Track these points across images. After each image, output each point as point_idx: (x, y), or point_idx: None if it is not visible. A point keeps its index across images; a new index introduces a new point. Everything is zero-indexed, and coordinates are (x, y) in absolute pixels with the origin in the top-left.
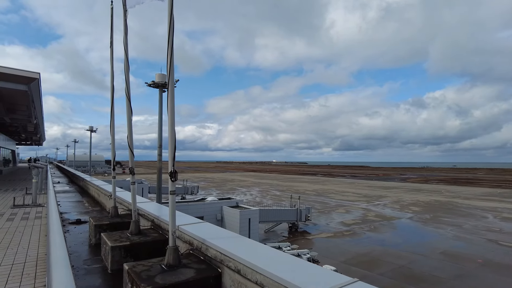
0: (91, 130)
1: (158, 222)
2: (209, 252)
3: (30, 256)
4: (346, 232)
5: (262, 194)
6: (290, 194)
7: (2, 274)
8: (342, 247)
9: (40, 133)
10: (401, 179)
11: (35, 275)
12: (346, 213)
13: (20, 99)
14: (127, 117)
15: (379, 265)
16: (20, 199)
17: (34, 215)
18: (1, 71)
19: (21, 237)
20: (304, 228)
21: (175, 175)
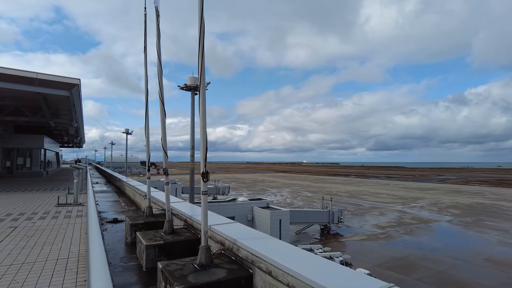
0: (127, 132)
1: (190, 221)
2: (241, 253)
3: (73, 252)
4: (380, 235)
5: (293, 195)
6: (321, 196)
7: (49, 268)
8: (376, 250)
9: (80, 136)
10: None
11: (77, 270)
12: (381, 215)
13: (63, 104)
14: (161, 119)
15: (416, 270)
16: (63, 198)
17: (75, 213)
18: (46, 78)
19: (64, 234)
20: (336, 230)
21: (207, 176)
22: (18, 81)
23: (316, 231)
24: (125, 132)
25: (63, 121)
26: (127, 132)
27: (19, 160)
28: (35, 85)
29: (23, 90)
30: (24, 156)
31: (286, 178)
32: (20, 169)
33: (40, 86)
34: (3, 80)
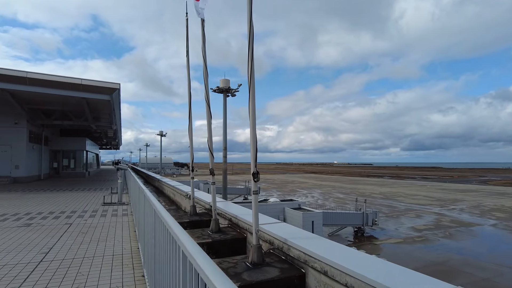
0: (161, 134)
1: (236, 221)
2: (292, 252)
3: (126, 249)
4: (417, 238)
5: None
6: (354, 197)
7: (107, 263)
8: (413, 254)
9: (118, 138)
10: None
11: (133, 266)
12: (417, 217)
13: (103, 108)
14: (207, 120)
15: (458, 276)
16: (108, 197)
17: (121, 212)
18: (90, 84)
19: (114, 232)
20: (370, 232)
21: (257, 176)
22: (65, 87)
23: (349, 234)
24: (159, 134)
25: (103, 124)
26: (161, 134)
27: (64, 161)
28: (80, 91)
29: (69, 96)
30: (68, 157)
31: (316, 179)
32: (65, 170)
33: (84, 91)
34: (53, 86)
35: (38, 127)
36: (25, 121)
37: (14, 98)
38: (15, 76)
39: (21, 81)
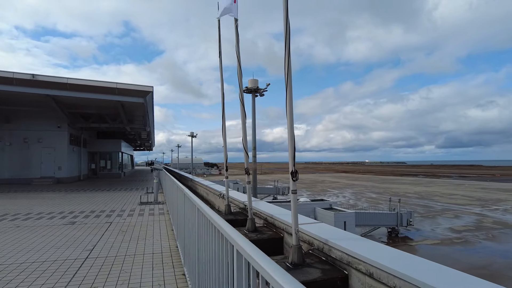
0: (192, 135)
1: (271, 220)
2: (333, 253)
3: (164, 248)
4: (456, 239)
5: (356, 196)
6: (387, 197)
7: (147, 261)
8: (452, 256)
9: (151, 140)
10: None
11: (172, 264)
12: (455, 218)
13: (137, 110)
14: (242, 120)
15: (503, 281)
16: (144, 197)
17: (157, 211)
18: (124, 87)
19: (153, 230)
20: (405, 233)
21: (296, 175)
22: (101, 92)
23: (383, 234)
24: (190, 135)
25: (137, 126)
26: (192, 135)
27: (101, 162)
28: (115, 94)
29: (106, 99)
30: (105, 159)
31: (347, 178)
32: (102, 171)
33: (119, 94)
34: (90, 91)
35: (77, 130)
36: (66, 124)
37: (56, 103)
38: (57, 82)
39: (62, 87)
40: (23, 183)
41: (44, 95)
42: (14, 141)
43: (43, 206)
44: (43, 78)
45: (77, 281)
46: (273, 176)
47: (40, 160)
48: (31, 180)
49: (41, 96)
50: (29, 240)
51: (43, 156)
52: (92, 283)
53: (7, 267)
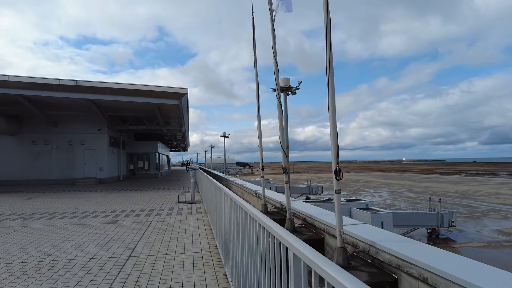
0: (224, 136)
1: (311, 221)
2: (380, 256)
3: (204, 247)
4: (505, 242)
5: (393, 196)
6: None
7: (188, 260)
8: (502, 260)
9: (186, 141)
10: None
11: (213, 264)
12: (504, 219)
13: (173, 112)
14: (279, 119)
15: None
16: (182, 196)
17: (195, 210)
18: (161, 90)
19: (192, 229)
20: (446, 234)
21: (340, 174)
22: (139, 95)
23: (422, 235)
24: (222, 135)
25: (173, 128)
26: (225, 136)
27: (139, 163)
28: (152, 97)
29: (143, 102)
30: (143, 159)
31: (383, 177)
32: (140, 171)
33: (156, 97)
34: (128, 94)
35: (116, 132)
36: (106, 127)
37: (97, 107)
38: (98, 87)
39: (102, 91)
40: (68, 183)
41: (86, 100)
42: (60, 144)
43: (87, 205)
44: (85, 84)
45: (122, 278)
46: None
47: (83, 162)
48: (75, 180)
49: (83, 101)
50: (76, 237)
51: (86, 157)
52: (136, 281)
53: (58, 262)
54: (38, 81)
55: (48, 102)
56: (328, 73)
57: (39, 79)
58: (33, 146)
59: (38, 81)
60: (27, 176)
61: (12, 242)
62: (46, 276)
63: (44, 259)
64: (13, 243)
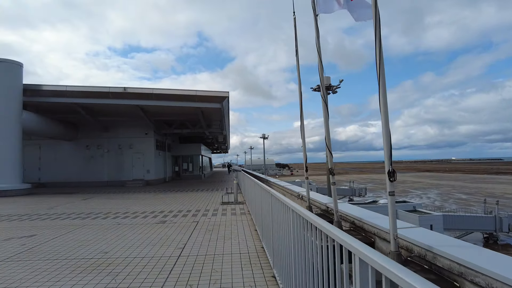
0: (264, 137)
1: (359, 224)
2: (439, 261)
3: (250, 248)
4: None
5: (443, 198)
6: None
7: (236, 260)
8: None
9: (227, 143)
10: None
11: (260, 265)
12: None
13: (215, 115)
14: (324, 119)
15: None
16: (225, 197)
17: (239, 211)
18: (203, 94)
19: (237, 230)
20: (506, 240)
21: (393, 175)
22: (183, 99)
23: (477, 240)
24: (261, 137)
25: (215, 130)
26: (264, 137)
27: (184, 165)
28: (195, 101)
29: (186, 106)
30: (187, 161)
31: (431, 178)
32: (185, 173)
33: (199, 101)
34: (173, 99)
35: (162, 136)
36: (153, 131)
37: (144, 112)
38: (145, 93)
39: (149, 97)
40: (118, 185)
41: (133, 106)
42: (111, 148)
43: (136, 206)
44: (132, 90)
45: (173, 277)
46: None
47: (131, 164)
48: (124, 182)
49: (131, 107)
50: (129, 237)
51: (134, 160)
52: (187, 280)
53: (114, 260)
54: (92, 89)
55: (100, 109)
56: (379, 71)
57: (92, 88)
58: (87, 150)
59: (91, 89)
60: (82, 178)
61: (74, 239)
62: (105, 272)
63: (102, 256)
64: (75, 240)
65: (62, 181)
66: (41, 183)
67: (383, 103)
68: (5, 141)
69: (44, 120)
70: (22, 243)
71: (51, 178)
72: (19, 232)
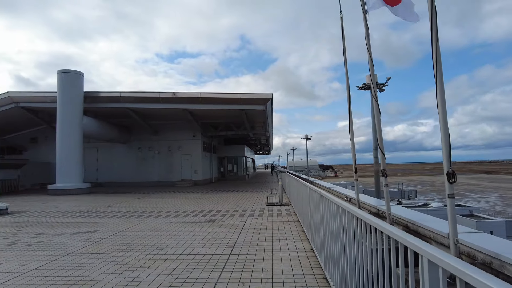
0: (306, 138)
1: (414, 227)
2: (508, 271)
3: (299, 249)
4: None
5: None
6: None
7: (285, 261)
8: None
9: (270, 144)
10: None
11: (311, 267)
12: None
13: (258, 117)
14: (376, 118)
15: None
16: (271, 198)
17: (284, 212)
18: (247, 97)
19: (284, 231)
20: None
21: (453, 176)
22: (228, 102)
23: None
24: (304, 138)
25: (258, 132)
26: (307, 138)
27: (228, 166)
28: (240, 104)
29: (232, 109)
30: (231, 163)
31: (490, 180)
32: (229, 174)
33: (243, 104)
34: (218, 103)
35: (208, 138)
36: (200, 134)
37: (191, 115)
38: (192, 97)
39: (196, 101)
40: (168, 185)
41: (182, 109)
42: (161, 150)
43: (186, 205)
44: (181, 95)
45: (226, 275)
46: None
47: (180, 165)
48: (174, 182)
49: (179, 110)
50: (181, 234)
51: (183, 162)
52: (239, 278)
53: (169, 256)
54: (144, 95)
55: (151, 113)
56: (436, 67)
57: (144, 93)
58: (139, 152)
59: (143, 95)
60: (134, 179)
61: (131, 235)
62: (162, 267)
63: (158, 252)
64: (132, 237)
65: (116, 181)
66: (99, 183)
67: (441, 101)
68: (70, 144)
69: (101, 124)
70: (87, 237)
71: (107, 178)
72: (83, 227)
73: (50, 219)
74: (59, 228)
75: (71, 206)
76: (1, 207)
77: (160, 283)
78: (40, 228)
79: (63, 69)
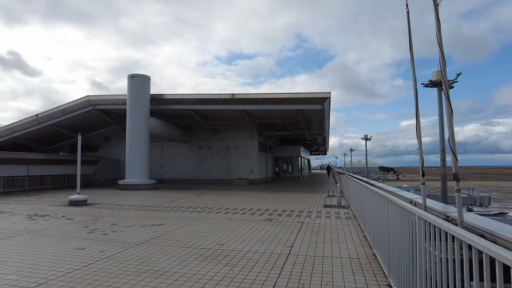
0: (366, 138)
1: (491, 237)
2: None
3: (360, 254)
4: None
5: None
6: None
7: (346, 265)
8: None
9: (326, 144)
10: None
11: (373, 273)
12: None
13: (315, 117)
14: (447, 117)
15: None
16: (328, 200)
17: (343, 215)
18: (304, 96)
19: (344, 234)
20: None
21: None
22: (284, 102)
23: None
24: (363, 138)
25: (315, 132)
26: (366, 138)
27: (284, 166)
28: (296, 104)
29: (288, 109)
30: (286, 163)
31: None
32: (284, 174)
33: (300, 103)
34: (275, 103)
35: (264, 138)
36: (256, 134)
37: (249, 116)
38: (249, 98)
39: (254, 102)
40: (226, 183)
41: (240, 110)
42: (220, 149)
43: (243, 203)
44: (239, 96)
45: (285, 274)
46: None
47: (237, 164)
48: (231, 180)
49: (237, 111)
50: (240, 231)
51: (240, 161)
52: (299, 278)
53: (230, 252)
54: (205, 97)
55: (211, 113)
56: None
57: (205, 95)
58: (199, 151)
59: (204, 97)
60: (195, 176)
61: (194, 230)
62: (223, 263)
63: (219, 248)
64: (194, 232)
65: (178, 178)
66: (163, 179)
67: None
68: (138, 143)
69: (166, 125)
70: (154, 230)
71: (170, 175)
72: (150, 220)
73: (121, 211)
74: (129, 220)
75: (138, 200)
76: (82, 199)
77: (222, 278)
78: (113, 219)
79: (132, 73)
